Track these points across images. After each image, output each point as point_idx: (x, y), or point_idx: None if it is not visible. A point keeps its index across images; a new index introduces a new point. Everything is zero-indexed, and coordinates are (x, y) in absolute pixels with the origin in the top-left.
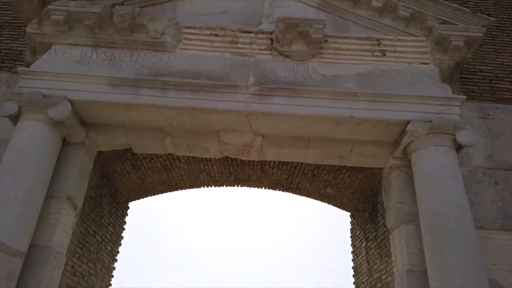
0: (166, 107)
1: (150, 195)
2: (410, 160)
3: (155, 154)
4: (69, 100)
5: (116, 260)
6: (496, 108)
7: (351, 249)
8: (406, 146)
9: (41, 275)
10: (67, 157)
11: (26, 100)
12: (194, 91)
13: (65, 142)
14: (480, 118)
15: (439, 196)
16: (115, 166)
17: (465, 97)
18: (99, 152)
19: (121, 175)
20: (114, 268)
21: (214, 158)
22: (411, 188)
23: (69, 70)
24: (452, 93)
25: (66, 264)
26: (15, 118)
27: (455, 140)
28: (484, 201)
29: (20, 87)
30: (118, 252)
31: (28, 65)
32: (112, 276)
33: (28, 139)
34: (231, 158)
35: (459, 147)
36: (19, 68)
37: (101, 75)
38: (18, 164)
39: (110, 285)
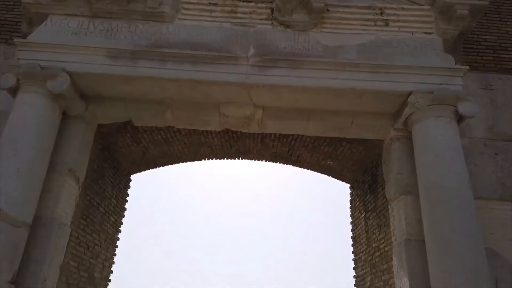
0: (165, 79)
1: (152, 168)
2: (411, 132)
3: (155, 127)
4: (68, 72)
5: (120, 231)
6: (499, 78)
7: (350, 219)
8: (407, 117)
9: (46, 246)
10: (67, 130)
11: (24, 73)
12: (194, 63)
13: (65, 115)
14: (482, 89)
15: (439, 167)
16: (116, 139)
17: (468, 67)
18: (99, 125)
19: (122, 148)
20: (118, 239)
21: (215, 131)
22: (411, 159)
23: (66, 41)
24: (455, 63)
25: (71, 235)
26: (14, 91)
27: (456, 111)
28: (484, 172)
29: (18, 59)
30: (121, 223)
31: (24, 37)
32: (117, 246)
33: (28, 112)
34: (232, 131)
35: (460, 118)
36: (16, 40)
37: (99, 46)
38: (19, 137)
39: (115, 255)
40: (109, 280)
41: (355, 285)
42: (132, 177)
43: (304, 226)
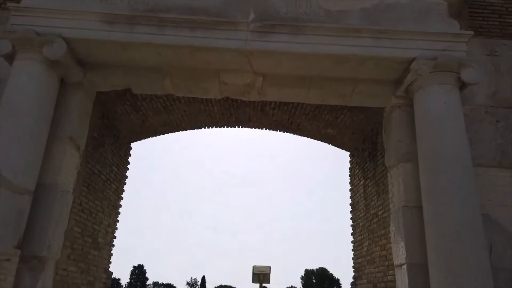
0: (163, 45)
1: (152, 136)
2: (412, 99)
3: (154, 94)
4: (64, 38)
5: (121, 198)
6: (504, 44)
7: (349, 187)
8: (409, 84)
9: (50, 212)
10: (66, 98)
11: (19, 38)
12: (192, 28)
13: (63, 83)
14: (487, 55)
15: (439, 134)
16: (115, 107)
17: (472, 33)
18: (98, 93)
19: (121, 116)
20: (120, 206)
21: (215, 99)
22: (411, 127)
23: (61, 5)
24: (460, 28)
25: (73, 202)
26: (10, 57)
27: (459, 78)
28: (484, 139)
29: (12, 24)
30: (123, 190)
31: (18, 1)
32: (119, 213)
33: (26, 80)
34: (232, 99)
35: (463, 85)
36: (10, 4)
37: (95, 11)
38: (18, 105)
39: (118, 221)
40: (113, 245)
41: (352, 250)
42: (133, 145)
43: (304, 193)
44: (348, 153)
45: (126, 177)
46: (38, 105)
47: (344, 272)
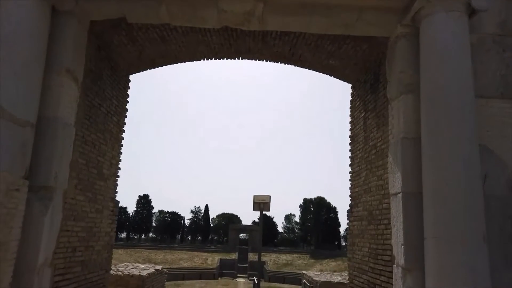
0: None
1: (150, 68)
2: (418, 28)
3: (151, 24)
4: None
5: (123, 131)
6: None
7: (349, 119)
8: (416, 12)
9: (53, 144)
10: (59, 28)
11: None
12: None
13: (55, 12)
14: None
15: (443, 65)
16: (111, 37)
17: None
18: (93, 24)
19: (118, 47)
20: (122, 138)
21: (213, 29)
22: (415, 58)
23: None
24: None
25: (76, 134)
26: None
27: (469, 4)
28: (488, 70)
29: None
30: (124, 123)
31: None
32: (122, 145)
33: (14, 6)
34: (231, 29)
35: (472, 13)
36: None
37: None
38: (10, 36)
39: (121, 153)
40: (118, 176)
41: (350, 180)
42: (132, 77)
43: (304, 125)
44: (350, 85)
45: (127, 109)
46: (31, 36)
47: (340, 201)
